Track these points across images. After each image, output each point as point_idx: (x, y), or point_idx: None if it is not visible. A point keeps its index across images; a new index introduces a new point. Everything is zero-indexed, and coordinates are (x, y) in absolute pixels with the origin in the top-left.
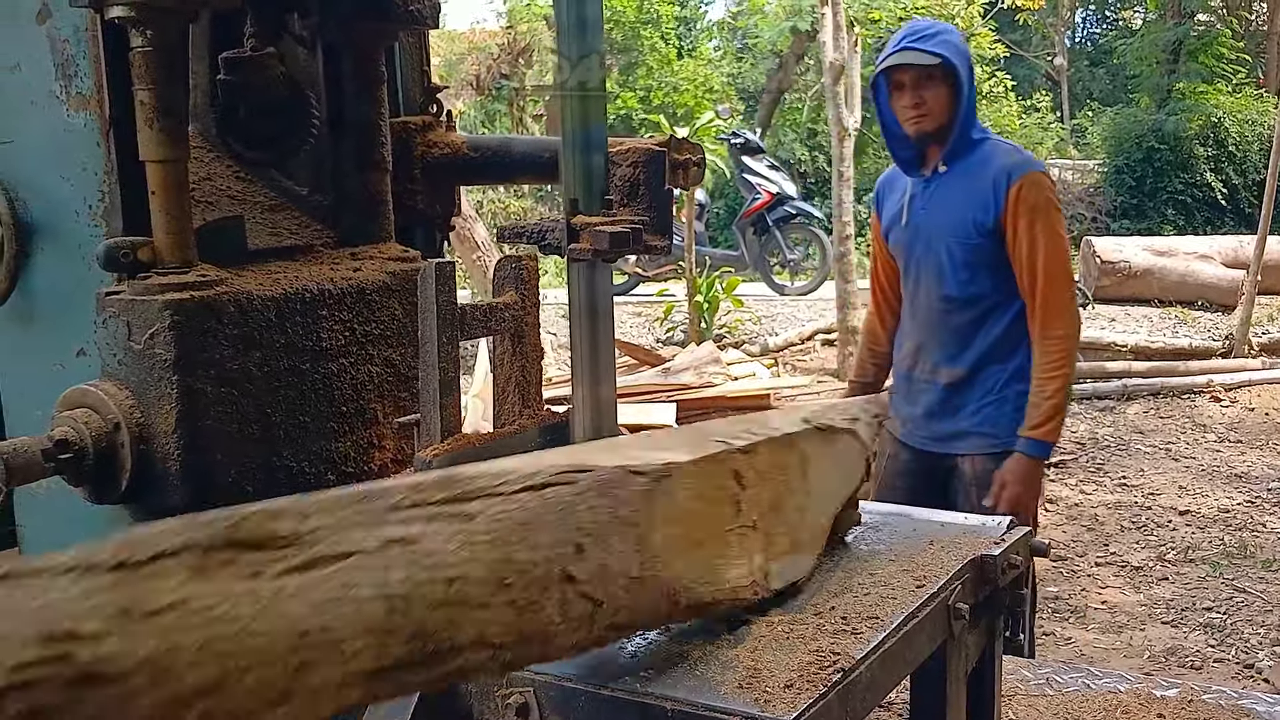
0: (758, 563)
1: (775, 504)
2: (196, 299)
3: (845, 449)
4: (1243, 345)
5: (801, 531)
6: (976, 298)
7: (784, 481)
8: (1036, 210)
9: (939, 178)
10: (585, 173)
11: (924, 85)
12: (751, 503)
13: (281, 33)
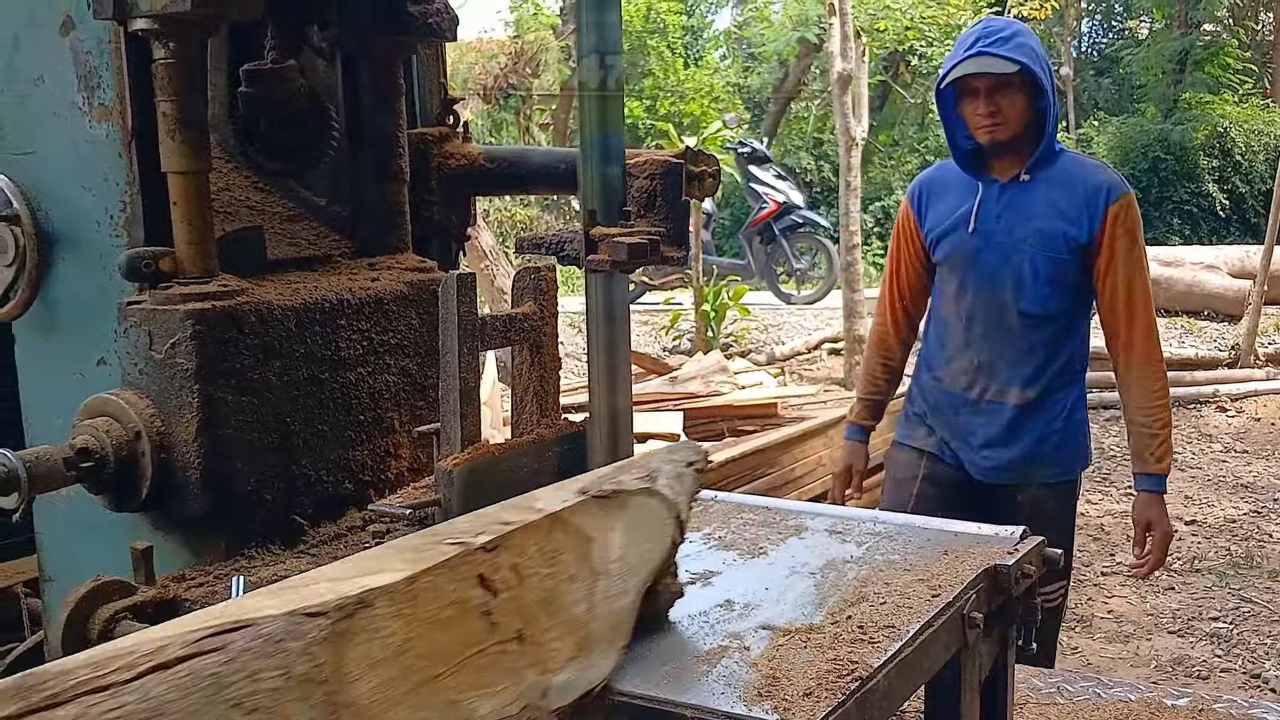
0: (530, 681)
1: (548, 602)
2: (218, 309)
3: (643, 513)
4: (1249, 355)
5: (592, 625)
6: (1054, 315)
7: (555, 573)
8: (1133, 234)
9: (1018, 185)
10: (603, 184)
11: (1000, 92)
12: (510, 610)
13: (302, 45)
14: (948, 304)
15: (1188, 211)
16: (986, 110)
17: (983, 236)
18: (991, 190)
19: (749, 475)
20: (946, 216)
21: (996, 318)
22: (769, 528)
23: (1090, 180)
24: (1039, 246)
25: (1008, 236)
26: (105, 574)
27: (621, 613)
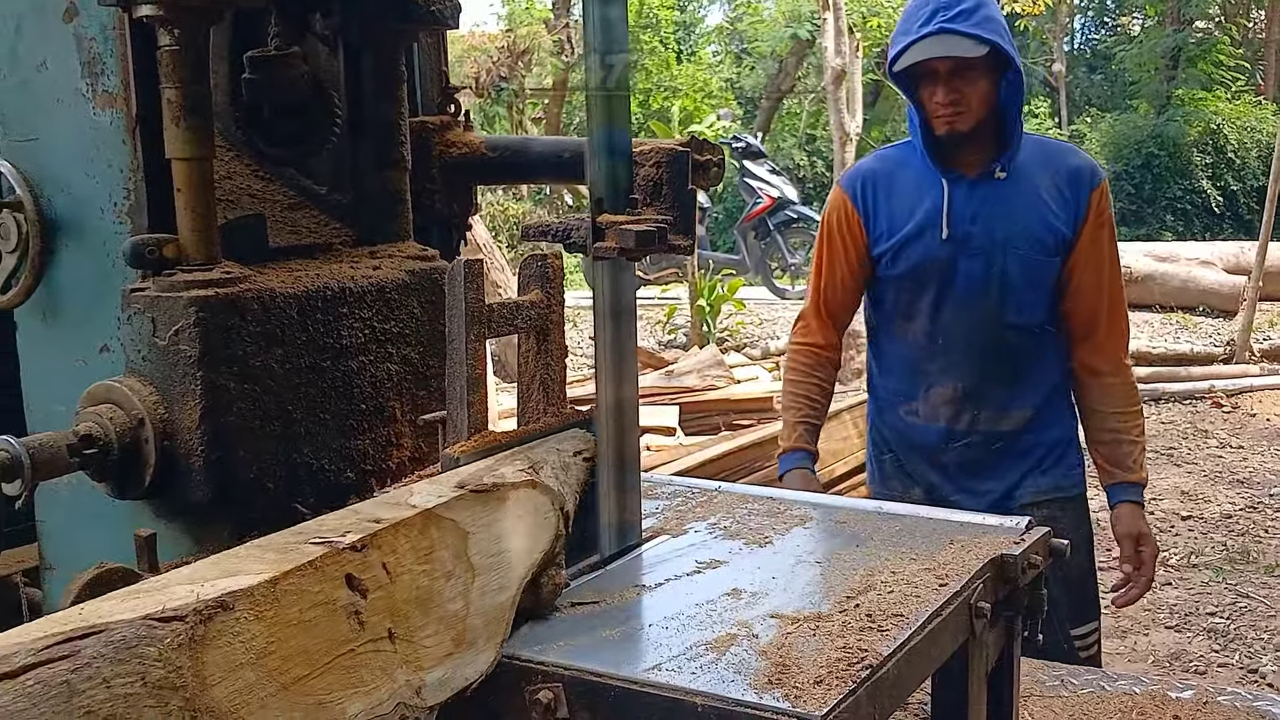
0: (403, 680)
1: (422, 600)
2: (221, 296)
3: (524, 505)
4: (1244, 351)
5: (470, 620)
6: (1044, 324)
7: (430, 570)
8: (1111, 223)
9: (992, 182)
10: (610, 172)
11: (963, 76)
12: (381, 609)
13: (305, 32)
14: (912, 325)
15: (1181, 208)
16: (947, 98)
17: (957, 242)
18: (959, 188)
19: (746, 468)
20: (904, 220)
21: (982, 335)
22: (774, 518)
23: (1066, 165)
24: (1026, 248)
25: (988, 240)
26: (108, 561)
27: (501, 607)
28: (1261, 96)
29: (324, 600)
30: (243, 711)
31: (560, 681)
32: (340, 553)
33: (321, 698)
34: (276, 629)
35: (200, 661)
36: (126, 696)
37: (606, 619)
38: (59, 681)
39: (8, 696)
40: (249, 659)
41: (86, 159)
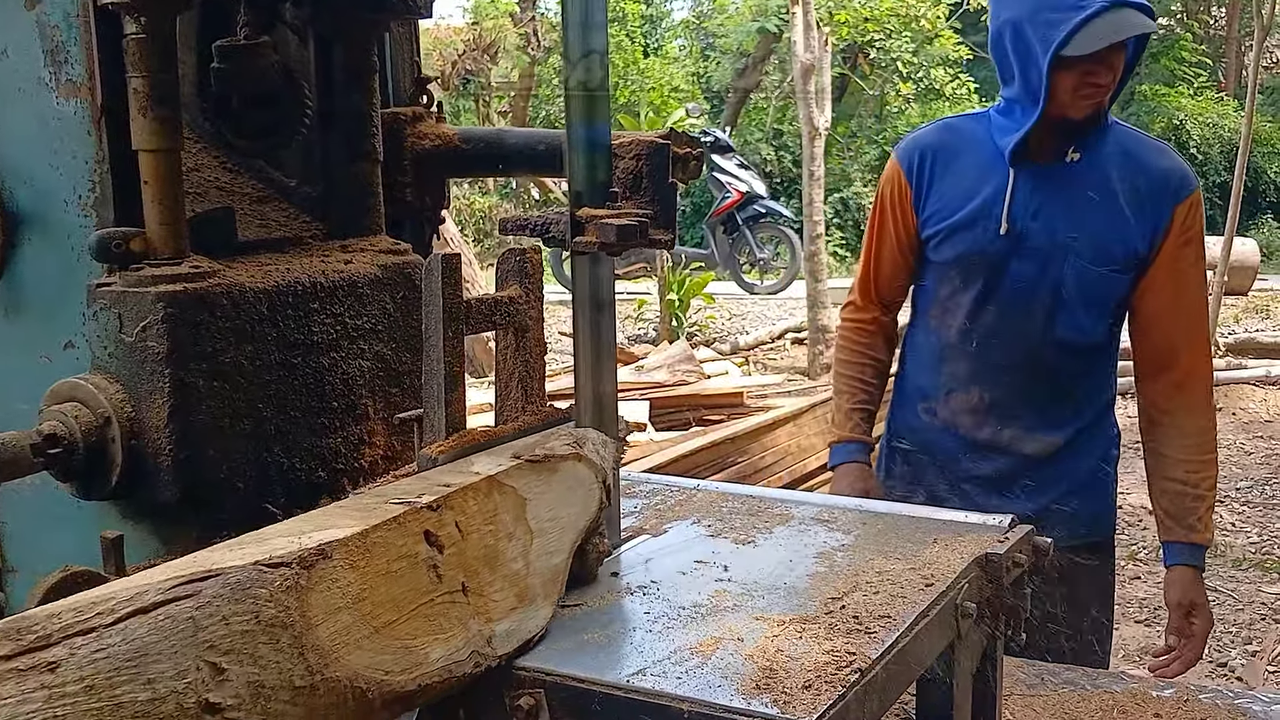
0: (474, 630)
1: (489, 558)
2: (190, 291)
3: (572, 477)
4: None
5: (530, 580)
6: (1093, 346)
7: (496, 529)
8: (1199, 241)
9: (1063, 169)
10: (590, 165)
11: (1118, 53)
12: (456, 564)
13: (275, 21)
14: (949, 319)
15: None
16: (1108, 79)
17: (1015, 239)
18: (1026, 175)
19: (719, 464)
20: (961, 202)
21: (1021, 345)
22: (755, 516)
23: (1156, 169)
24: (1089, 257)
25: (1048, 240)
26: (73, 564)
27: (556, 569)
28: (1223, 93)
29: (407, 553)
30: (341, 651)
31: (542, 687)
32: (419, 511)
33: (407, 642)
34: (368, 578)
35: (305, 603)
36: (243, 633)
37: (589, 622)
38: (185, 617)
39: (142, 629)
40: (345, 603)
41: (50, 150)
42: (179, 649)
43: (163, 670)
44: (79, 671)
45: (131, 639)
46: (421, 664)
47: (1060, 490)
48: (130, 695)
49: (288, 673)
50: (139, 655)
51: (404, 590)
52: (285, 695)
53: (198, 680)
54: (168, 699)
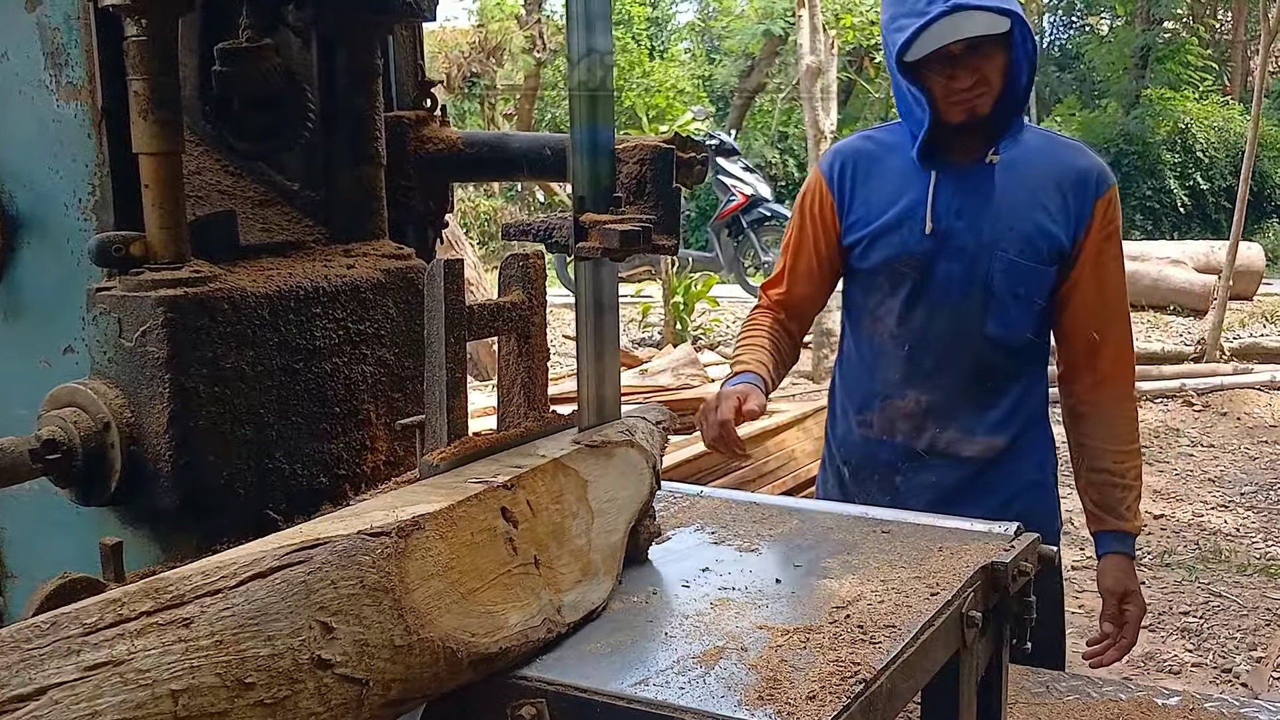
0: (545, 600)
1: (557, 534)
2: (190, 295)
3: (626, 461)
4: (1215, 350)
5: (592, 555)
6: (1026, 342)
7: (562, 508)
8: (1118, 233)
9: (983, 170)
10: (593, 170)
11: (981, 53)
12: (528, 538)
13: (277, 24)
14: (879, 326)
15: (1150, 207)
16: (971, 81)
17: (941, 238)
18: (948, 177)
19: (722, 469)
20: (884, 207)
21: (953, 346)
22: (759, 523)
23: (1072, 165)
24: (1015, 252)
25: (973, 239)
26: (72, 570)
27: (614, 546)
28: (1228, 97)
29: (488, 527)
30: (435, 614)
31: (544, 697)
32: (496, 489)
33: (490, 608)
34: (455, 548)
35: (403, 569)
36: (349, 596)
37: (591, 630)
38: (299, 581)
39: (261, 591)
40: (437, 571)
41: (50, 153)
42: (294, 609)
43: (280, 628)
44: (210, 627)
45: (253, 600)
46: (502, 628)
47: (1002, 497)
48: (253, 650)
49: (389, 632)
50: (260, 614)
51: (485, 561)
52: (386, 653)
53: (310, 638)
54: (285, 654)
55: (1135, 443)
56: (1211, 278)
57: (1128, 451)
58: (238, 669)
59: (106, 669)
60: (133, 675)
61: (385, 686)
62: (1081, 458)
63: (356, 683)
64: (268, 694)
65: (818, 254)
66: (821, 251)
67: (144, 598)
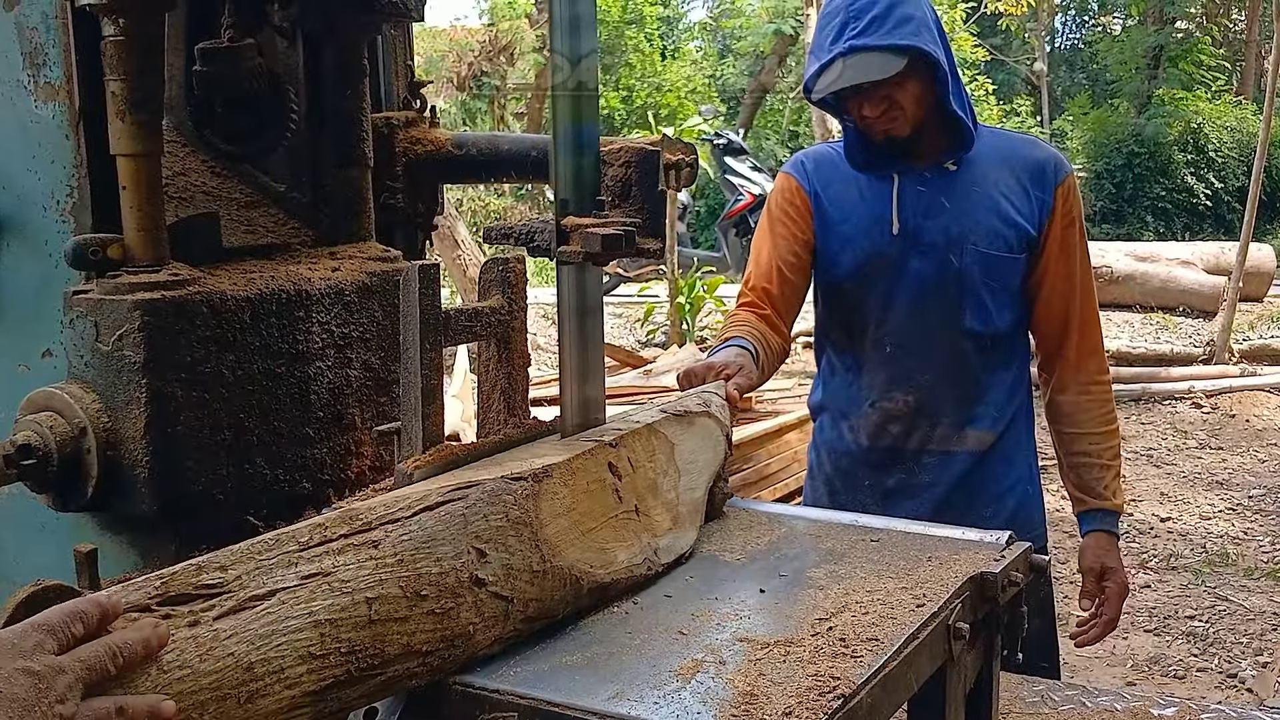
0: (645, 542)
1: (652, 488)
2: (168, 299)
3: (705, 429)
4: (1224, 352)
5: (680, 508)
6: (1004, 333)
7: (655, 466)
8: (1080, 219)
9: (943, 173)
10: (576, 172)
11: (890, 83)
12: (630, 489)
13: (261, 24)
14: (860, 331)
15: (1162, 207)
16: (877, 110)
17: (909, 237)
18: (910, 179)
19: None
20: (848, 213)
21: (933, 343)
22: (747, 531)
23: (1031, 158)
24: (986, 243)
25: (942, 235)
26: (46, 578)
27: (697, 502)
28: (1241, 97)
29: (599, 478)
30: (562, 546)
31: (516, 711)
32: (604, 447)
33: (603, 546)
34: (575, 493)
35: (538, 508)
36: (498, 527)
37: (567, 642)
38: (458, 514)
39: (430, 521)
40: (562, 511)
41: (28, 154)
42: (456, 536)
43: (445, 551)
44: (393, 548)
45: (425, 527)
46: (613, 563)
47: (995, 490)
48: (426, 567)
49: (528, 559)
50: (430, 539)
51: (598, 505)
52: (526, 577)
53: (469, 560)
54: (450, 573)
55: (1112, 424)
56: (1221, 279)
57: (1104, 433)
58: (415, 583)
59: (318, 578)
60: (337, 584)
61: (525, 605)
62: (1061, 442)
63: (504, 599)
64: (437, 605)
65: (792, 254)
66: (796, 250)
67: (341, 523)
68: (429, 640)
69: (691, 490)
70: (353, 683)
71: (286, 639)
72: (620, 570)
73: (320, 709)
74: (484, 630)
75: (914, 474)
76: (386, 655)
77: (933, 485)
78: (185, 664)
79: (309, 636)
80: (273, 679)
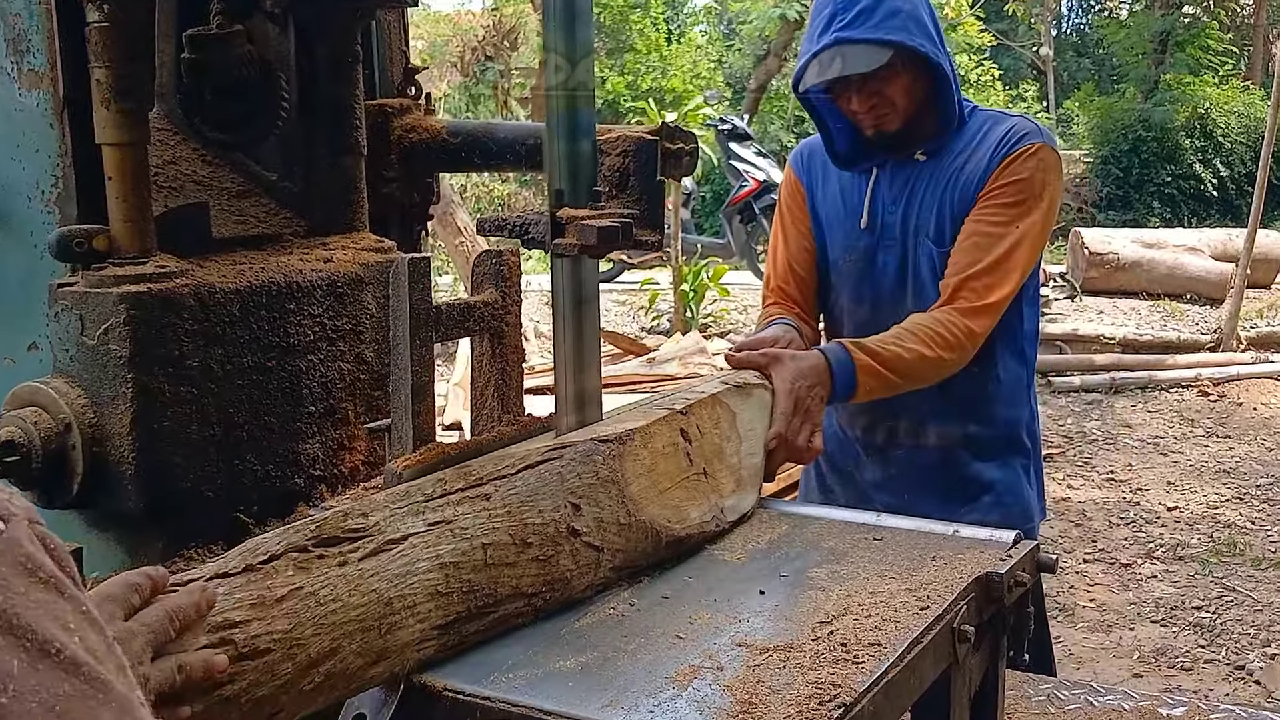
0: (713, 501)
1: (717, 452)
2: (154, 292)
3: (761, 400)
4: (1231, 339)
5: (742, 471)
6: None
7: (720, 433)
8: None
9: (914, 164)
10: (572, 162)
11: (877, 77)
12: (699, 454)
13: (252, 9)
14: (839, 323)
15: (1169, 193)
16: (865, 104)
17: (877, 232)
18: (886, 172)
19: None
20: (833, 204)
21: None
22: (749, 528)
23: (992, 137)
24: (933, 238)
25: (902, 228)
26: None
27: (756, 467)
28: (1249, 82)
29: (673, 442)
30: (643, 503)
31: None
32: (676, 414)
33: (676, 504)
34: (654, 455)
35: (624, 467)
36: (589, 484)
37: (562, 646)
38: (555, 472)
39: (532, 477)
40: (643, 471)
41: (12, 143)
42: (554, 491)
43: (545, 504)
44: (502, 501)
45: (528, 483)
46: (686, 520)
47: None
48: (530, 518)
49: (615, 513)
50: (532, 493)
51: (672, 467)
52: (615, 529)
53: (566, 513)
54: (550, 524)
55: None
56: (1229, 266)
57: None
58: (521, 531)
59: (441, 526)
60: (458, 530)
61: (613, 554)
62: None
63: (596, 549)
64: (540, 552)
65: (802, 249)
66: (804, 245)
67: (458, 479)
68: (534, 583)
69: (751, 455)
70: (471, 619)
71: (418, 578)
72: (693, 526)
73: (444, 642)
74: (579, 576)
75: (885, 468)
76: (499, 595)
77: (904, 481)
78: (337, 598)
79: (436, 577)
80: (407, 613)
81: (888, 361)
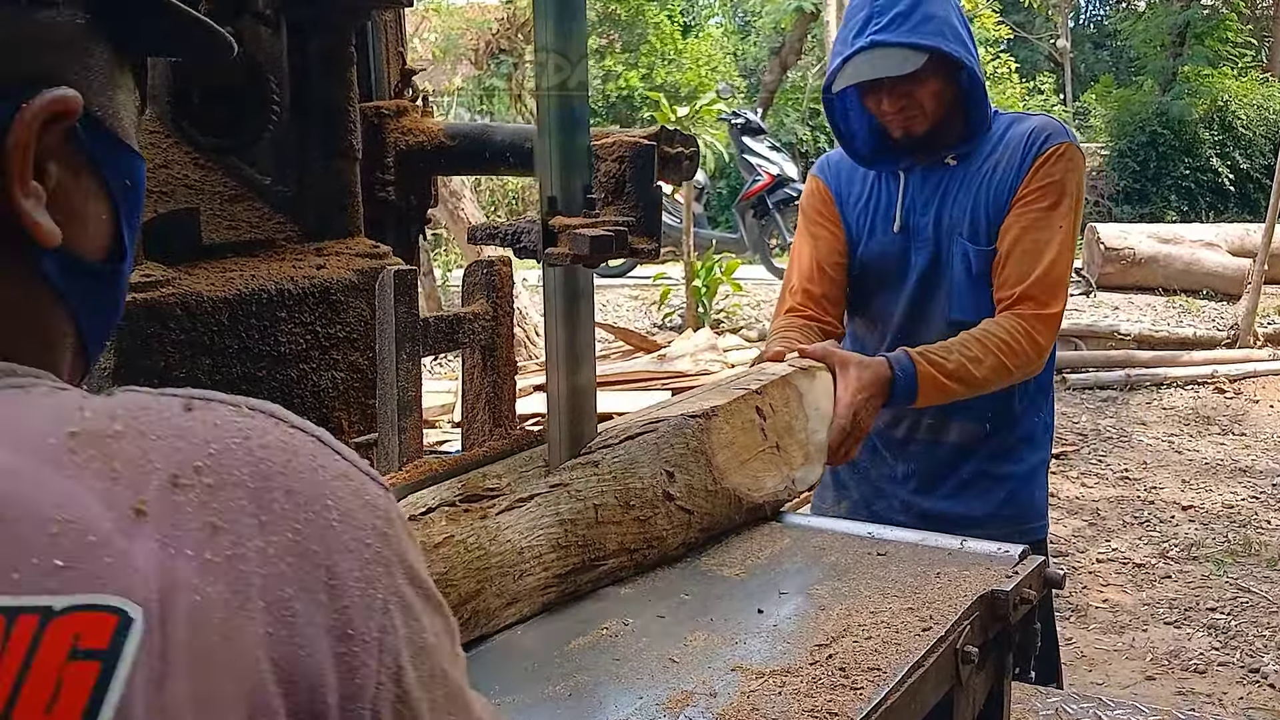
0: (785, 473)
1: (787, 429)
2: (139, 301)
3: (824, 383)
4: (1248, 335)
5: (809, 447)
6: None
7: (789, 411)
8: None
9: (945, 170)
10: (565, 168)
11: (909, 81)
12: (772, 429)
13: (242, 10)
14: (859, 321)
15: (1186, 188)
16: (895, 105)
17: (909, 234)
18: (916, 175)
19: None
20: (861, 212)
21: (925, 331)
22: (750, 542)
23: (1019, 136)
24: (968, 236)
25: (935, 229)
26: None
27: (821, 443)
28: (1268, 74)
29: (750, 419)
30: (727, 472)
31: None
32: (752, 394)
33: (754, 474)
34: (733, 430)
35: (710, 440)
36: (681, 454)
37: (552, 670)
38: (651, 442)
39: (633, 446)
40: (726, 444)
41: None
42: (651, 460)
43: (644, 471)
44: (609, 466)
45: (630, 452)
46: (763, 489)
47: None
48: (631, 483)
49: (703, 480)
50: (633, 461)
51: (750, 441)
52: (703, 495)
53: (662, 479)
54: (649, 488)
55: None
56: (1246, 261)
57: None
58: (624, 495)
59: (560, 488)
60: (575, 492)
61: (701, 517)
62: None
63: (687, 512)
64: (640, 513)
65: (834, 252)
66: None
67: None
68: (635, 540)
69: (816, 433)
70: (584, 570)
71: (543, 532)
72: (768, 494)
73: (561, 589)
74: (673, 535)
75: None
76: (606, 550)
77: (919, 469)
78: (480, 546)
79: (557, 531)
80: (534, 562)
81: (953, 373)
